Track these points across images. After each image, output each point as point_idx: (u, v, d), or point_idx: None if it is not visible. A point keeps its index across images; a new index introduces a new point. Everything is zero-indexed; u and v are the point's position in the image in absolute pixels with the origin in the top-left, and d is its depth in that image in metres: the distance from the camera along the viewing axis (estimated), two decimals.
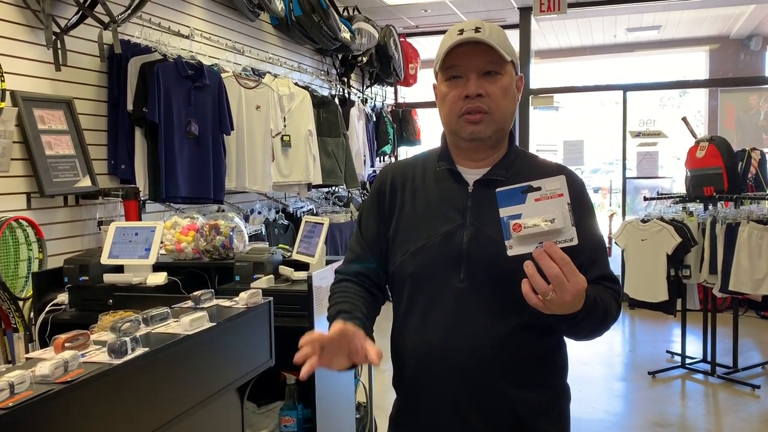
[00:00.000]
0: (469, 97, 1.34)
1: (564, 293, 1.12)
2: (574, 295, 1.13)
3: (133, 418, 1.45)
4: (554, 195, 1.14)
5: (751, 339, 5.69)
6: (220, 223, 2.65)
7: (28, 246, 2.86)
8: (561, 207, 1.13)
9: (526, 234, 1.14)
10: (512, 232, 1.15)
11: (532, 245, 1.14)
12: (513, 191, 1.17)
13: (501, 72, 1.35)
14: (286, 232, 4.84)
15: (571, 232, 1.13)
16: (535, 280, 1.12)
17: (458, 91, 1.36)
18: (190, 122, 3.65)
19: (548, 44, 9.36)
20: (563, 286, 1.11)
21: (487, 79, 1.35)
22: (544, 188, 1.15)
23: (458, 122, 1.37)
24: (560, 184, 1.14)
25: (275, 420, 2.51)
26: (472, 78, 1.34)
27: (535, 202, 1.15)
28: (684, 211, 4.96)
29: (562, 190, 1.14)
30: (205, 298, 1.95)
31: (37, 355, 1.48)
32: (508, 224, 1.16)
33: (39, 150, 2.99)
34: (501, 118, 1.37)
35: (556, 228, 1.13)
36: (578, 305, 1.18)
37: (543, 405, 1.39)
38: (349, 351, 1.25)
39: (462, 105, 1.35)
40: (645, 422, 4.03)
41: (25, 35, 3.02)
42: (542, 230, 1.13)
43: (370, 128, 6.71)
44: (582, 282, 1.14)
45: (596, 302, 1.24)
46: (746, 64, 8.92)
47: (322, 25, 5.17)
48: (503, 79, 1.36)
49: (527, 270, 1.12)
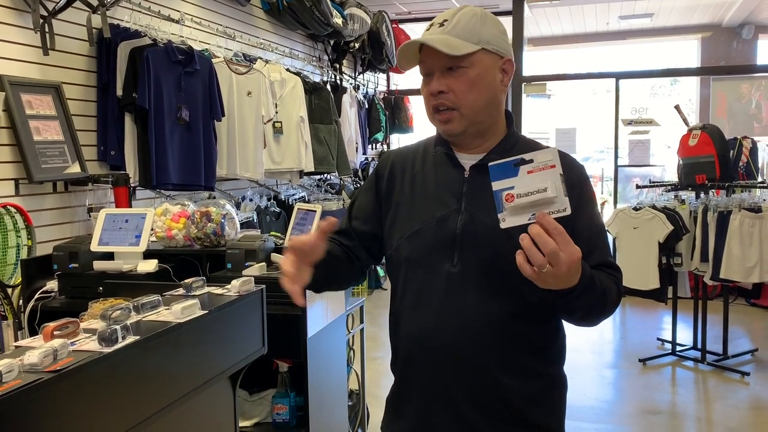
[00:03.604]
0: (432, 95, 1.36)
1: (559, 264, 1.10)
2: (568, 264, 1.11)
3: (124, 407, 1.43)
4: (546, 166, 1.13)
5: (741, 326, 5.74)
6: (212, 210, 2.63)
7: (16, 233, 2.82)
8: (553, 177, 1.12)
9: (518, 204, 1.13)
10: (504, 202, 1.14)
11: (525, 216, 1.13)
12: (505, 164, 1.16)
13: (464, 65, 1.33)
14: (278, 219, 4.83)
15: (564, 201, 1.12)
16: (531, 252, 1.10)
17: (427, 89, 1.38)
18: (181, 108, 3.61)
19: (541, 32, 9.34)
20: (558, 258, 1.10)
21: (452, 74, 1.34)
22: (536, 160, 1.14)
23: (434, 119, 1.40)
24: (552, 155, 1.13)
25: (267, 408, 2.50)
26: (436, 75, 1.35)
27: (528, 174, 1.14)
28: (676, 199, 4.97)
29: (555, 161, 1.13)
30: (196, 285, 1.93)
31: (26, 343, 1.46)
32: (501, 196, 1.15)
33: (27, 136, 2.95)
34: (470, 112, 1.35)
35: (548, 197, 1.11)
36: (574, 279, 1.16)
37: (537, 395, 1.38)
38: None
39: (432, 103, 1.37)
40: (635, 409, 4.05)
41: (12, 18, 2.97)
42: (534, 200, 1.12)
43: (362, 115, 6.68)
44: (576, 252, 1.12)
45: (593, 280, 1.23)
46: (738, 52, 8.93)
47: (313, 10, 5.13)
48: (469, 71, 1.33)
49: (523, 243, 1.10)
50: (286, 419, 2.43)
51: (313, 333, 2.39)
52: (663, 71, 8.52)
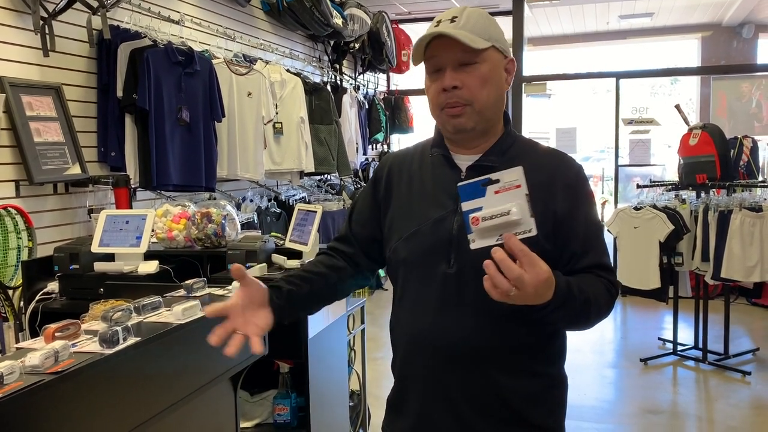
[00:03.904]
0: (446, 90, 1.34)
1: (525, 287, 1.11)
2: (535, 286, 1.12)
3: (125, 408, 1.43)
4: (512, 186, 1.14)
5: (742, 326, 5.73)
6: (212, 211, 2.63)
7: (17, 234, 2.82)
8: (519, 198, 1.13)
9: (484, 227, 1.14)
10: (471, 225, 1.15)
11: (493, 238, 1.14)
12: (474, 185, 1.17)
13: (477, 61, 1.33)
14: (279, 220, 4.83)
15: (530, 222, 1.12)
16: (497, 280, 1.12)
17: (438, 84, 1.35)
18: (181, 109, 3.61)
19: (541, 31, 9.34)
20: (522, 281, 1.11)
21: (465, 69, 1.33)
22: (503, 180, 1.15)
23: (441, 115, 1.38)
24: (518, 175, 1.14)
25: (269, 408, 2.50)
26: (448, 70, 1.34)
27: (495, 194, 1.15)
28: (676, 198, 4.97)
29: (520, 181, 1.14)
30: (197, 286, 1.93)
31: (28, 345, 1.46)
32: (468, 218, 1.16)
33: (27, 137, 2.95)
34: (482, 107, 1.35)
35: (512, 220, 1.12)
36: (546, 296, 1.17)
37: (536, 394, 1.37)
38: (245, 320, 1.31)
39: (443, 99, 1.35)
40: (636, 409, 4.05)
41: (12, 20, 2.97)
42: (499, 222, 1.13)
43: (362, 115, 6.68)
44: (543, 272, 1.13)
45: (571, 292, 1.22)
46: (738, 51, 8.92)
47: (313, 10, 5.13)
48: (481, 67, 1.34)
49: (488, 270, 1.12)
50: (288, 420, 2.43)
51: (314, 334, 2.39)
52: (663, 71, 8.51)
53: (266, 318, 1.33)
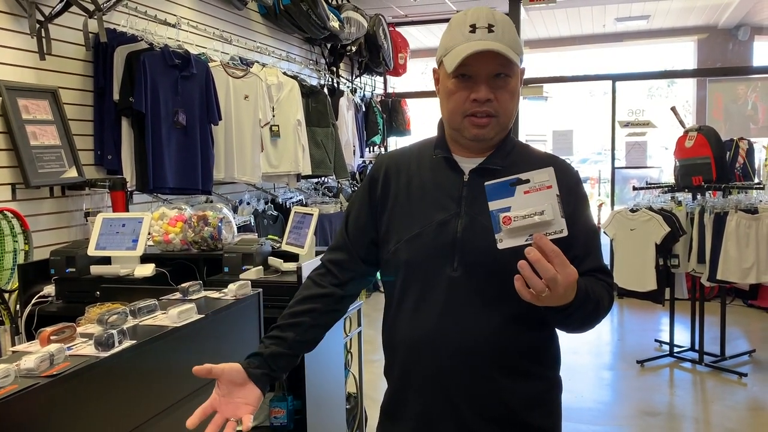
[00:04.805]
0: (477, 101, 1.32)
1: (557, 287, 1.12)
2: (565, 286, 1.13)
3: (121, 411, 1.43)
4: (543, 187, 1.14)
5: (738, 327, 5.74)
6: (209, 214, 2.63)
7: (13, 237, 2.82)
8: (550, 199, 1.13)
9: (516, 226, 1.14)
10: (502, 225, 1.15)
11: (522, 238, 1.14)
12: (502, 184, 1.16)
13: (510, 74, 1.33)
14: (275, 222, 4.82)
15: (561, 223, 1.13)
16: (532, 281, 1.12)
17: (466, 93, 1.33)
18: (178, 112, 3.61)
19: (537, 34, 9.35)
20: (556, 282, 1.11)
21: (497, 82, 1.32)
22: (533, 180, 1.15)
23: (462, 122, 1.35)
24: (549, 175, 1.14)
25: (265, 411, 2.50)
26: (483, 82, 1.32)
27: (524, 194, 1.15)
28: (672, 200, 4.98)
29: (551, 182, 1.14)
30: (193, 289, 1.93)
31: (23, 348, 1.46)
32: (497, 217, 1.16)
33: (24, 140, 2.95)
34: (506, 120, 1.36)
35: (545, 220, 1.13)
36: (570, 297, 1.18)
37: (535, 397, 1.38)
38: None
39: (469, 107, 1.33)
40: (633, 411, 4.06)
41: (8, 23, 2.97)
42: (532, 222, 1.13)
43: (359, 118, 6.69)
44: (573, 274, 1.14)
45: (588, 294, 1.24)
46: (734, 54, 8.95)
47: (310, 13, 5.13)
48: (512, 81, 1.34)
49: (524, 271, 1.12)
50: (284, 423, 2.43)
51: None
52: (659, 73, 8.53)
53: (253, 393, 1.34)
